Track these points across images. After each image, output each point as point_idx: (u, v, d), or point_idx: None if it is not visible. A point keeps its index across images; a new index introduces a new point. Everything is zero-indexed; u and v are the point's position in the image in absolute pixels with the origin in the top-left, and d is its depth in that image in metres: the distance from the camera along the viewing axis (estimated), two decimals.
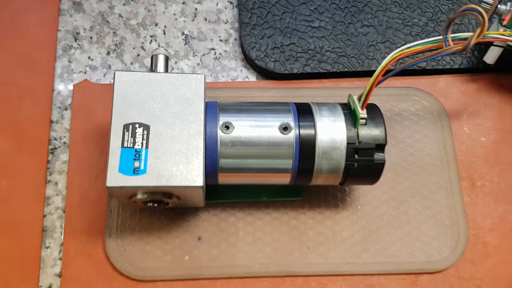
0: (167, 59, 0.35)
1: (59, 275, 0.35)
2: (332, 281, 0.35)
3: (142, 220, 0.35)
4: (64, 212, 0.36)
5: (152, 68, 0.34)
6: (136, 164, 0.30)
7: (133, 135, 0.30)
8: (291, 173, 0.32)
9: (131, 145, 0.30)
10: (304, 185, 0.34)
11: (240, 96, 0.39)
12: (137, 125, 0.31)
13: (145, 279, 0.34)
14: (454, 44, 0.30)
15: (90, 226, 0.35)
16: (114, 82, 0.32)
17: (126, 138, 0.30)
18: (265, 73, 0.41)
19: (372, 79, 0.31)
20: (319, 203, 0.37)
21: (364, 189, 0.37)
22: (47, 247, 0.35)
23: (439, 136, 0.39)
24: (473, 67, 0.41)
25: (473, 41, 0.30)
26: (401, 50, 0.31)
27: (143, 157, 0.30)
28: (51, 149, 0.38)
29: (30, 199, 0.36)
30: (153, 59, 0.34)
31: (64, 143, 0.38)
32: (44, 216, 0.36)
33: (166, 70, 0.34)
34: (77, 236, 0.35)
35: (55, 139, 0.38)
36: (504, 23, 0.37)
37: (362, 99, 0.32)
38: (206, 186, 0.32)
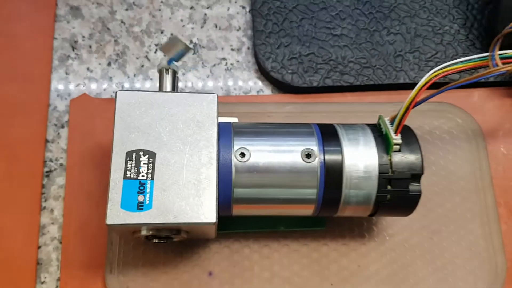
0: (175, 74, 0.31)
1: None
2: None
3: (146, 253, 0.32)
4: (60, 243, 0.33)
5: (160, 85, 0.31)
6: (140, 198, 0.26)
7: (137, 165, 0.27)
8: (314, 204, 0.29)
9: (135, 176, 0.27)
10: (328, 216, 0.31)
11: (254, 111, 0.36)
12: (141, 153, 0.27)
13: None
14: (502, 62, 0.27)
15: (89, 259, 0.32)
16: (115, 103, 0.28)
17: (129, 168, 0.27)
18: (281, 86, 0.37)
19: (407, 101, 0.28)
20: (342, 233, 0.33)
21: (392, 218, 0.34)
22: (42, 282, 0.32)
23: (474, 157, 0.35)
24: (509, 79, 0.38)
25: None
26: (440, 69, 0.28)
27: (148, 190, 0.26)
28: (46, 172, 0.34)
29: (23, 228, 0.33)
30: (160, 74, 0.31)
31: (61, 165, 0.34)
32: (39, 247, 0.33)
33: (174, 87, 0.31)
34: (75, 271, 0.32)
35: (51, 160, 0.35)
36: None
37: (396, 122, 0.28)
38: (219, 217, 0.28)
